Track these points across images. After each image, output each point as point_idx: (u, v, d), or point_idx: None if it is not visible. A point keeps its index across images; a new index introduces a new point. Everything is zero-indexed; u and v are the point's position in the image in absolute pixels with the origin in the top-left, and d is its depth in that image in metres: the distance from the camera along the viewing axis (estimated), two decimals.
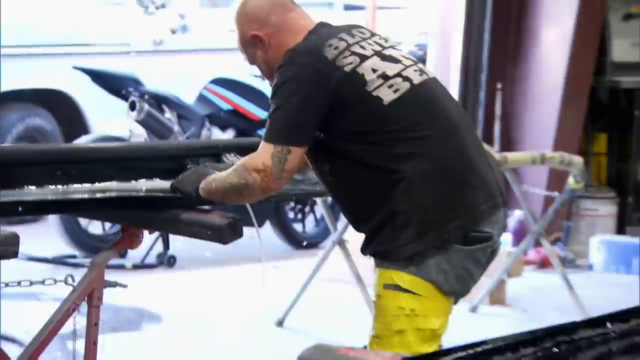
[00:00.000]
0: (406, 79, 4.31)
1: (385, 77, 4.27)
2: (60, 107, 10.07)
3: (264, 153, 4.28)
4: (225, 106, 9.50)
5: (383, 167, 4.32)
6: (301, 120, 4.31)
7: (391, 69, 4.31)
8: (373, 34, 4.51)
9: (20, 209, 4.64)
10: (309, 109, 4.30)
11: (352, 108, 4.28)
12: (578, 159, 8.13)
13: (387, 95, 4.26)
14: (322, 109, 4.26)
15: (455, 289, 4.31)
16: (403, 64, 4.33)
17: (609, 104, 9.88)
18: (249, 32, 4.46)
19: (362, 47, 4.31)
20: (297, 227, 9.75)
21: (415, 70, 4.31)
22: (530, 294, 8.16)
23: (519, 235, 8.34)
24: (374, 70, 4.25)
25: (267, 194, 4.42)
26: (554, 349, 2.92)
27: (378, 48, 4.35)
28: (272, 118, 4.35)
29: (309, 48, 4.33)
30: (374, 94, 4.23)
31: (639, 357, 2.89)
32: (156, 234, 7.87)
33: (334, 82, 4.22)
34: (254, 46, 4.48)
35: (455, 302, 4.32)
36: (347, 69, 4.22)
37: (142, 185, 4.77)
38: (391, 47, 4.45)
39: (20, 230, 4.99)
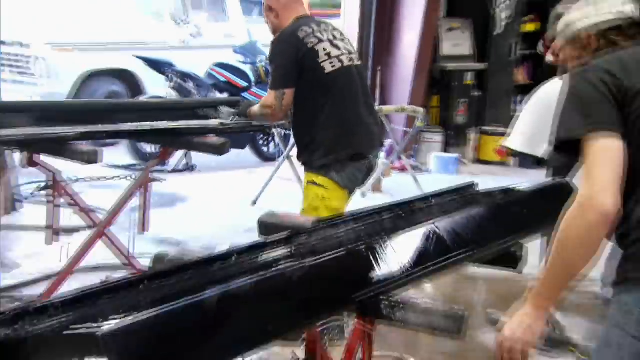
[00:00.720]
0: (340, 61, 4.34)
1: (329, 56, 4.31)
2: (127, 79, 9.94)
3: (270, 96, 4.43)
4: (222, 79, 9.39)
5: (312, 114, 4.38)
6: (287, 75, 4.34)
7: (334, 52, 4.35)
8: (334, 29, 4.51)
9: (104, 135, 4.61)
10: (291, 68, 4.32)
11: (308, 71, 4.31)
12: (422, 110, 8.37)
13: (328, 68, 4.31)
14: (297, 68, 4.30)
15: (348, 185, 4.41)
16: (342, 52, 4.37)
17: (440, 79, 9.84)
18: (268, 3, 4.47)
19: (321, 34, 4.38)
20: (264, 148, 9.65)
21: (347, 57, 4.40)
22: (395, 186, 8.16)
23: (389, 152, 8.36)
24: (324, 50, 4.30)
25: (277, 119, 4.66)
26: (402, 213, 2.93)
27: (332, 37, 4.40)
28: (272, 76, 4.51)
29: (290, 32, 4.36)
30: (321, 65, 4.29)
31: (442, 215, 2.92)
32: (181, 151, 7.89)
33: (301, 53, 4.29)
34: (269, 12, 4.46)
35: (350, 193, 4.44)
36: (309, 45, 4.29)
37: (176, 123, 4.73)
38: (341, 39, 4.44)
39: (107, 149, 5.00)
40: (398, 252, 2.50)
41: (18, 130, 4.28)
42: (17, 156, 6.51)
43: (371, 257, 2.41)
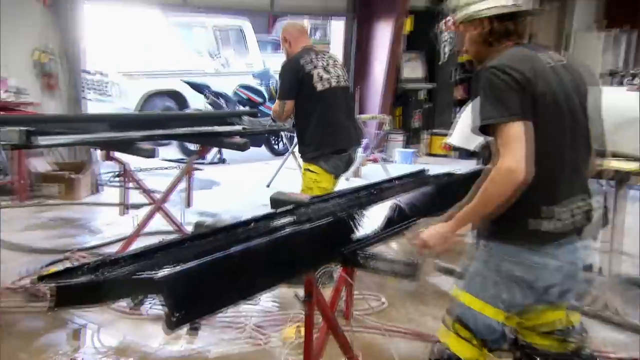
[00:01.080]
0: (329, 82, 4.20)
1: (321, 78, 4.18)
2: (177, 97, 9.78)
3: (276, 104, 4.32)
4: (244, 97, 9.29)
5: (307, 120, 4.28)
6: (288, 91, 4.23)
7: (325, 76, 4.23)
8: (330, 57, 4.38)
9: (160, 137, 4.60)
10: (292, 86, 4.22)
11: (304, 88, 4.21)
12: (388, 117, 8.27)
13: (319, 87, 4.17)
14: (296, 86, 4.19)
15: (333, 172, 4.29)
16: (331, 76, 4.24)
17: (401, 95, 9.70)
18: (284, 35, 4.40)
19: (317, 61, 4.25)
20: (275, 146, 9.46)
21: (335, 80, 4.26)
22: (370, 172, 8.07)
23: (365, 148, 8.24)
24: (318, 74, 4.16)
25: (281, 120, 4.44)
26: (374, 191, 2.91)
27: (325, 64, 4.25)
28: (278, 90, 4.37)
29: (295, 59, 4.25)
30: (314, 84, 4.16)
31: (402, 192, 2.92)
32: (215, 148, 7.82)
33: (301, 74, 4.18)
34: (285, 41, 4.37)
35: (336, 178, 4.34)
36: (307, 70, 4.24)
37: (212, 128, 4.68)
38: (333, 66, 4.29)
39: (162, 147, 4.98)
40: (371, 219, 2.50)
41: (99, 135, 4.29)
42: (98, 153, 6.72)
43: (351, 223, 2.40)
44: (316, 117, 4.22)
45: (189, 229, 4.44)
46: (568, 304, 2.27)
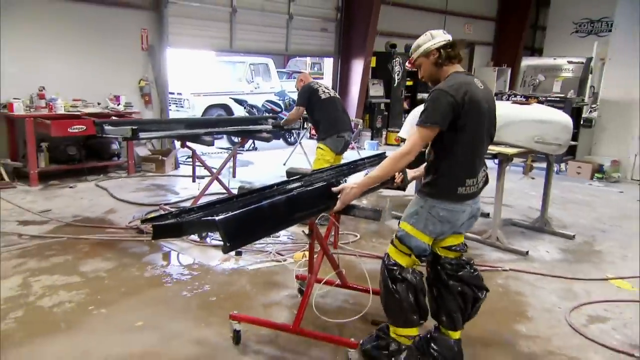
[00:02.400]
0: (329, 94, 4.13)
1: (324, 92, 4.09)
2: (226, 108, 9.53)
3: (294, 109, 4.25)
4: (269, 107, 9.13)
5: (317, 116, 4.20)
6: (303, 101, 4.20)
7: (326, 90, 4.16)
8: (325, 84, 4.34)
9: (216, 133, 4.47)
10: (305, 99, 4.18)
11: (315, 98, 4.10)
12: (361, 120, 8.10)
13: (323, 96, 4.10)
14: (308, 98, 4.16)
15: (334, 149, 4.19)
16: (330, 91, 4.19)
17: (369, 106, 9.56)
18: (300, 78, 4.33)
19: (320, 84, 4.18)
20: (289, 139, 9.19)
21: (333, 93, 4.22)
22: (349, 155, 7.98)
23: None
24: (322, 90, 4.10)
25: (295, 121, 4.42)
26: (352, 166, 2.87)
27: (325, 86, 4.20)
28: (297, 100, 4.25)
29: (308, 84, 4.25)
30: (320, 95, 4.08)
31: (370, 166, 2.88)
32: (250, 140, 7.65)
33: (312, 91, 4.12)
34: (300, 81, 4.37)
35: (337, 155, 4.24)
36: (315, 88, 4.13)
37: (248, 127, 4.58)
38: (328, 88, 4.28)
39: (217, 140, 4.87)
40: (350, 183, 2.47)
41: (178, 131, 4.24)
42: (177, 143, 6.66)
43: (337, 186, 2.38)
44: (323, 114, 4.21)
45: (235, 191, 4.40)
46: (465, 231, 2.36)
